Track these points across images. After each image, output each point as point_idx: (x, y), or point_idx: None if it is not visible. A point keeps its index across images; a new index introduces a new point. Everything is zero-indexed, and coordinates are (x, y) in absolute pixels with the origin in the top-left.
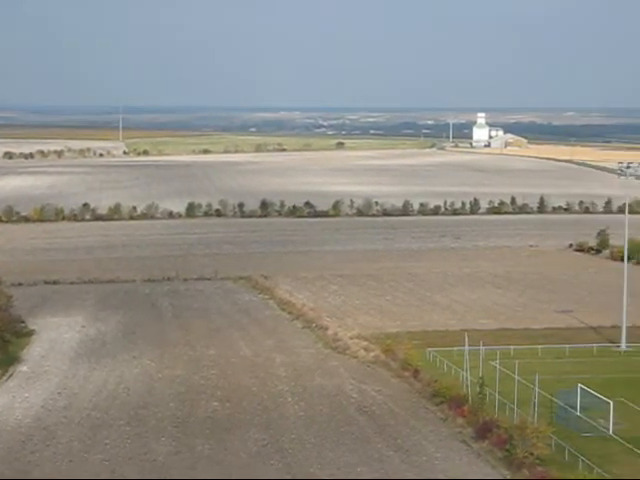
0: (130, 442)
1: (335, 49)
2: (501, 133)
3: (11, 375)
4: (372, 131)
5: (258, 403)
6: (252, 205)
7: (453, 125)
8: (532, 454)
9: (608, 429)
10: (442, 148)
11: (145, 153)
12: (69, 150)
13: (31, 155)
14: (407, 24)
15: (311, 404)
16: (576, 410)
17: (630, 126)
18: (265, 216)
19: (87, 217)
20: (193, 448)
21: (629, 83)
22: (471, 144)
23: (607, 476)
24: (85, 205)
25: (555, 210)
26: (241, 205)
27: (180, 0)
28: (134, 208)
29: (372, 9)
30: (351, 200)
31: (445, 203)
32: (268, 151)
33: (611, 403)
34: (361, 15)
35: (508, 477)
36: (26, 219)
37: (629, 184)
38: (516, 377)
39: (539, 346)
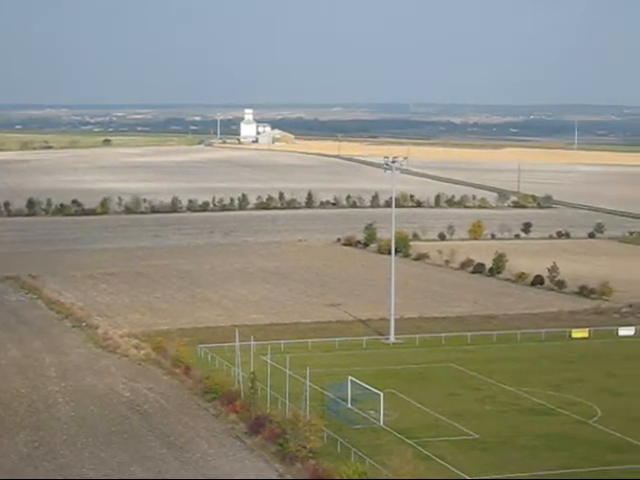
0: None
1: (96, 45)
2: (269, 129)
3: None
4: (139, 128)
5: (28, 405)
6: (18, 204)
7: (221, 121)
8: (305, 447)
9: (379, 420)
10: (210, 144)
11: None
12: None
13: None
14: (165, 17)
15: (82, 404)
16: (347, 402)
17: (395, 121)
18: (32, 215)
19: None
20: None
21: (393, 78)
22: (239, 140)
23: (379, 467)
24: None
25: (323, 205)
26: (7, 204)
27: None
28: None
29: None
30: (119, 198)
31: (214, 199)
32: (34, 149)
33: (381, 394)
34: (112, 9)
35: (280, 470)
36: None
37: (395, 178)
38: (287, 371)
39: (309, 340)
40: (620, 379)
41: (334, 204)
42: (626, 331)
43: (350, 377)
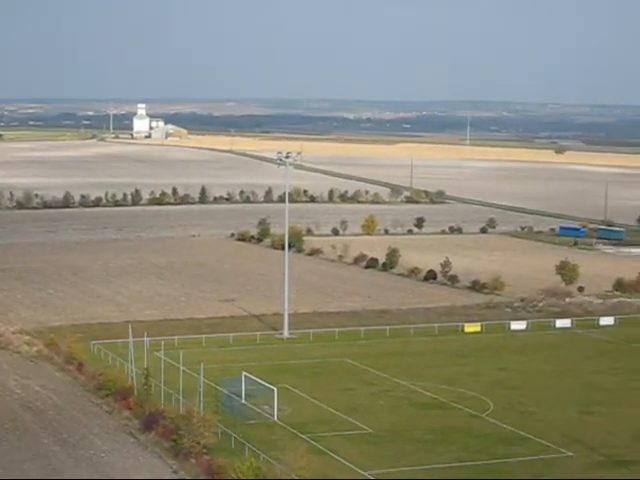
0: None
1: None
2: (162, 124)
3: None
4: (31, 122)
5: None
6: None
7: (114, 116)
8: (199, 443)
9: (273, 415)
10: (103, 139)
11: None
12: None
13: None
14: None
15: None
16: (241, 398)
17: (288, 116)
18: None
19: None
20: None
21: (287, 74)
22: (132, 135)
23: (273, 462)
24: None
25: (216, 200)
26: None
27: None
28: None
29: None
30: (11, 192)
31: (107, 194)
32: None
33: (275, 390)
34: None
35: (174, 466)
36: None
37: (288, 173)
38: (181, 367)
39: (203, 335)
40: (512, 373)
41: (227, 199)
42: (518, 325)
43: (244, 372)
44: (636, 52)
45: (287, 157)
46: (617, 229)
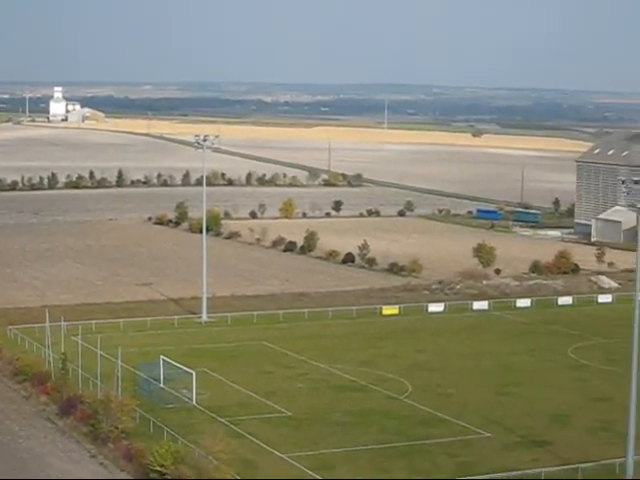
0: None
1: None
2: (78, 107)
3: None
4: None
5: None
6: None
7: (30, 99)
8: (117, 428)
9: (191, 399)
10: (19, 122)
11: None
12: None
13: None
14: None
15: None
16: (159, 382)
17: (206, 100)
18: None
19: None
20: None
21: (204, 57)
22: (48, 118)
23: (192, 446)
24: None
25: (134, 184)
26: None
27: None
28: None
29: None
30: None
31: (23, 178)
32: None
33: (193, 373)
34: None
35: (93, 451)
36: None
37: (206, 157)
38: (99, 351)
39: (121, 320)
40: (430, 355)
41: (145, 183)
42: (436, 307)
43: (162, 356)
44: (552, 37)
45: (205, 140)
46: (533, 212)
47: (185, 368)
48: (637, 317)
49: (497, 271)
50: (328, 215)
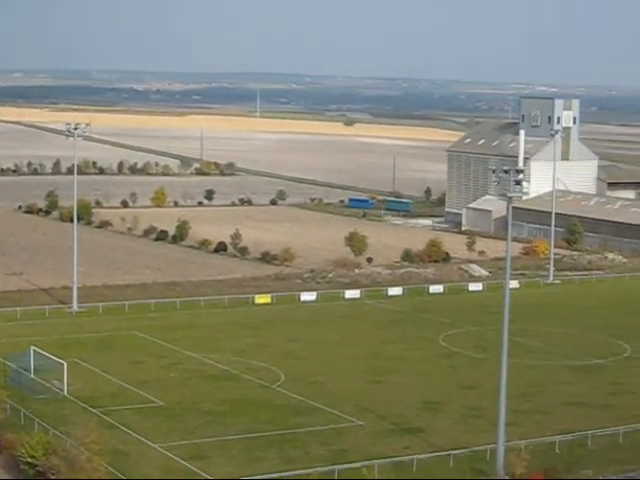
0: None
1: None
2: None
3: None
4: None
5: None
6: None
7: None
8: None
9: (63, 390)
10: None
11: None
12: None
13: None
14: None
15: None
16: (30, 373)
17: (77, 87)
18: None
19: None
20: None
21: (75, 44)
22: None
23: (63, 437)
24: None
25: (3, 172)
26: None
27: None
28: None
29: None
30: None
31: None
32: None
33: (65, 364)
34: None
35: None
36: None
37: (77, 145)
38: None
39: None
40: (302, 344)
41: (15, 171)
42: (308, 296)
43: (33, 347)
44: (424, 27)
45: (75, 129)
46: (405, 200)
47: (56, 358)
48: (507, 305)
49: (369, 260)
50: (200, 204)
